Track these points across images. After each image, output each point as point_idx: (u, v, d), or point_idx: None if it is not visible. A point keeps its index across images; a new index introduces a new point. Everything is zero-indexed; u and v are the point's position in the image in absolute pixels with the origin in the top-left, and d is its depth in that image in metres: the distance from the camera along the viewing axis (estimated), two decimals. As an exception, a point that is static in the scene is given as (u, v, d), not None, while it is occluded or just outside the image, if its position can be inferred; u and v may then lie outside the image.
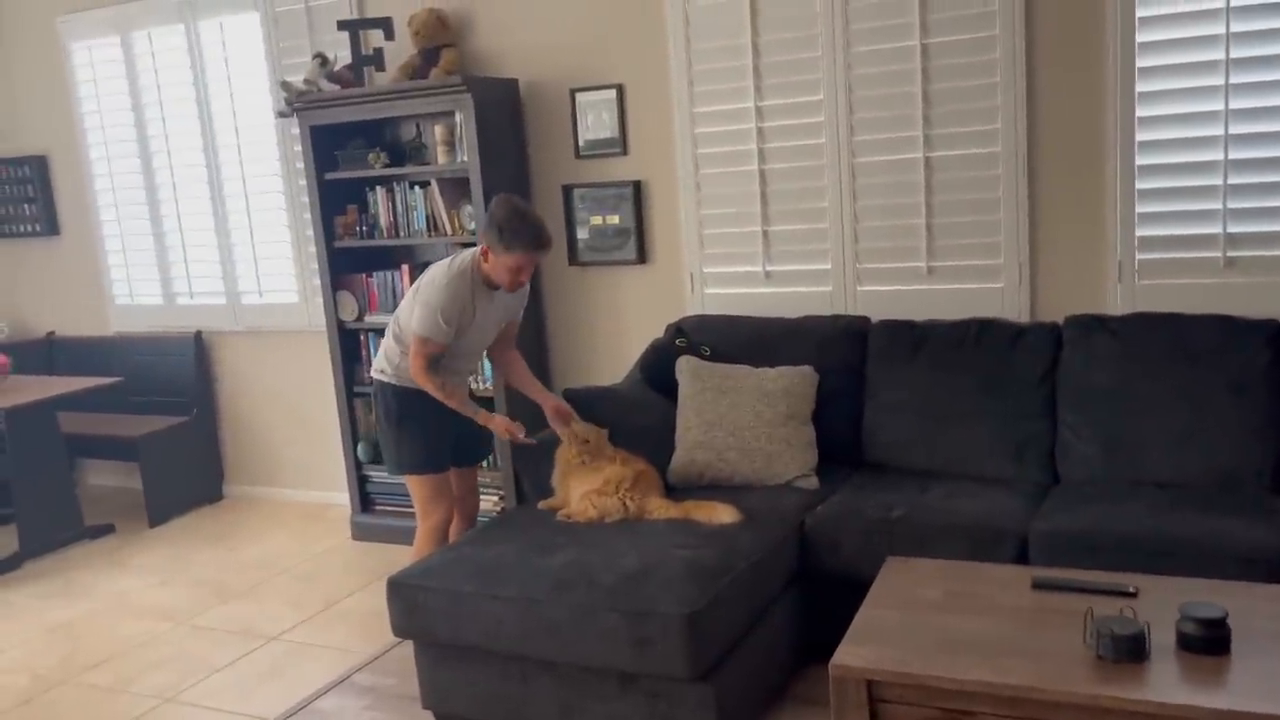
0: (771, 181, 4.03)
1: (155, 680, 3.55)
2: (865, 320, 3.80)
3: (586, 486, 3.31)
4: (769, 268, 4.09)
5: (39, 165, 5.74)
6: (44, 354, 5.84)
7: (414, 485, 3.48)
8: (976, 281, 3.76)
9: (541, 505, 3.45)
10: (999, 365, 3.51)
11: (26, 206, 5.83)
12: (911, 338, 3.66)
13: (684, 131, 4.13)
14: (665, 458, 3.54)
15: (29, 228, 5.86)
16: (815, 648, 3.15)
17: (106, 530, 5.14)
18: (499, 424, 3.40)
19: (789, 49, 3.90)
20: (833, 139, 3.88)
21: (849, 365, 3.70)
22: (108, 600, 4.31)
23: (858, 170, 3.87)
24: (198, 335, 5.44)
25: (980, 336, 3.57)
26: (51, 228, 5.81)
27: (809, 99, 3.89)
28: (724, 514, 3.14)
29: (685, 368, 3.71)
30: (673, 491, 3.41)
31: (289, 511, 5.27)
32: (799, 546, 3.17)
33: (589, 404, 3.61)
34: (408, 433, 3.44)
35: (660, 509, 3.23)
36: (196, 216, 5.35)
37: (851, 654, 2.29)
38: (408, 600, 2.93)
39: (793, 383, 3.59)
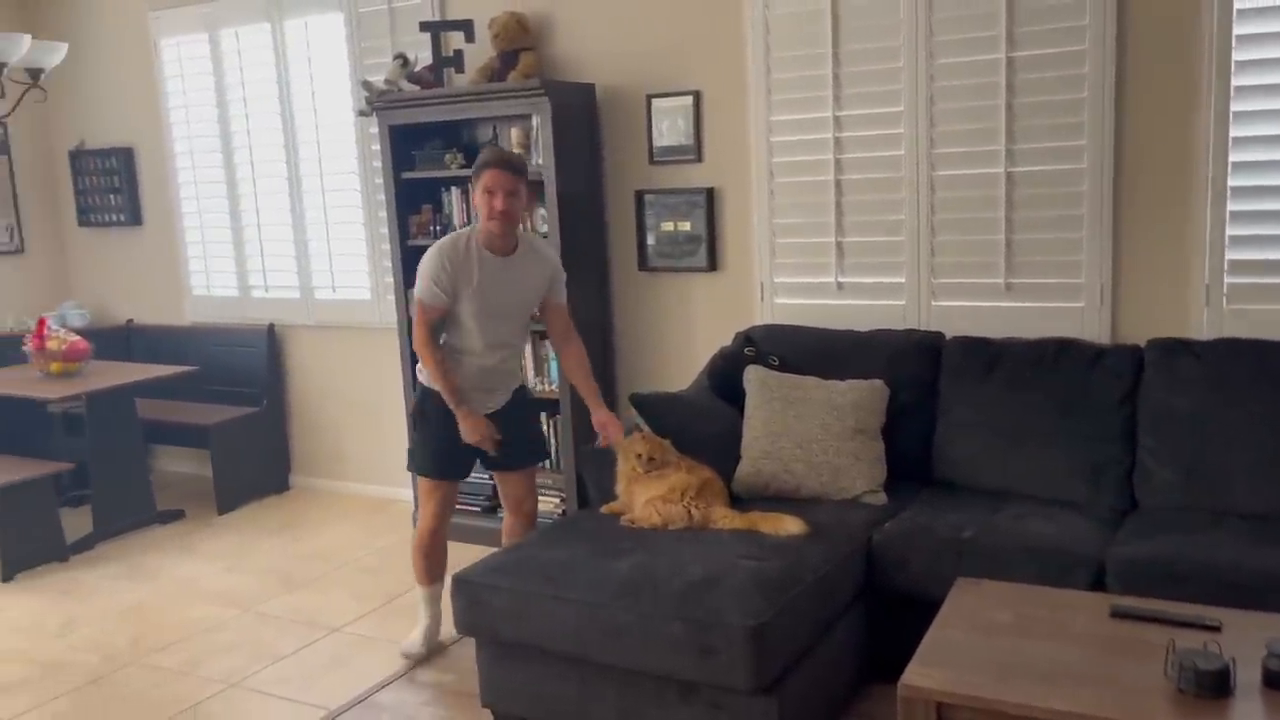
0: (847, 192, 3.99)
1: (221, 665, 3.62)
2: (939, 335, 3.74)
3: (651, 493, 3.30)
4: (841, 279, 4.05)
5: (125, 157, 5.90)
6: (122, 341, 5.99)
7: (418, 482, 3.63)
8: (1056, 300, 3.69)
9: (604, 509, 3.45)
10: (1077, 386, 3.43)
11: (112, 197, 5.99)
12: (987, 355, 3.60)
13: (759, 139, 4.11)
14: (730, 467, 3.51)
15: (114, 218, 6.02)
16: (879, 665, 3.10)
17: (177, 515, 5.25)
18: (466, 427, 3.38)
19: (870, 59, 3.86)
20: (912, 151, 3.83)
21: (921, 381, 3.65)
22: (176, 584, 4.40)
23: (937, 183, 3.82)
24: (270, 328, 5.54)
25: (1059, 356, 3.50)
26: (135, 218, 5.97)
27: (889, 110, 3.85)
28: (791, 526, 3.11)
29: (753, 377, 3.69)
30: (737, 501, 3.39)
31: (353, 504, 5.34)
32: (866, 562, 3.13)
33: (656, 409, 3.61)
34: (421, 433, 3.50)
35: (725, 518, 3.21)
36: (274, 211, 5.45)
37: (921, 675, 2.25)
38: (472, 597, 2.94)
39: (863, 396, 3.55)
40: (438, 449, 3.46)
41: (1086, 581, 2.84)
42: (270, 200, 5.45)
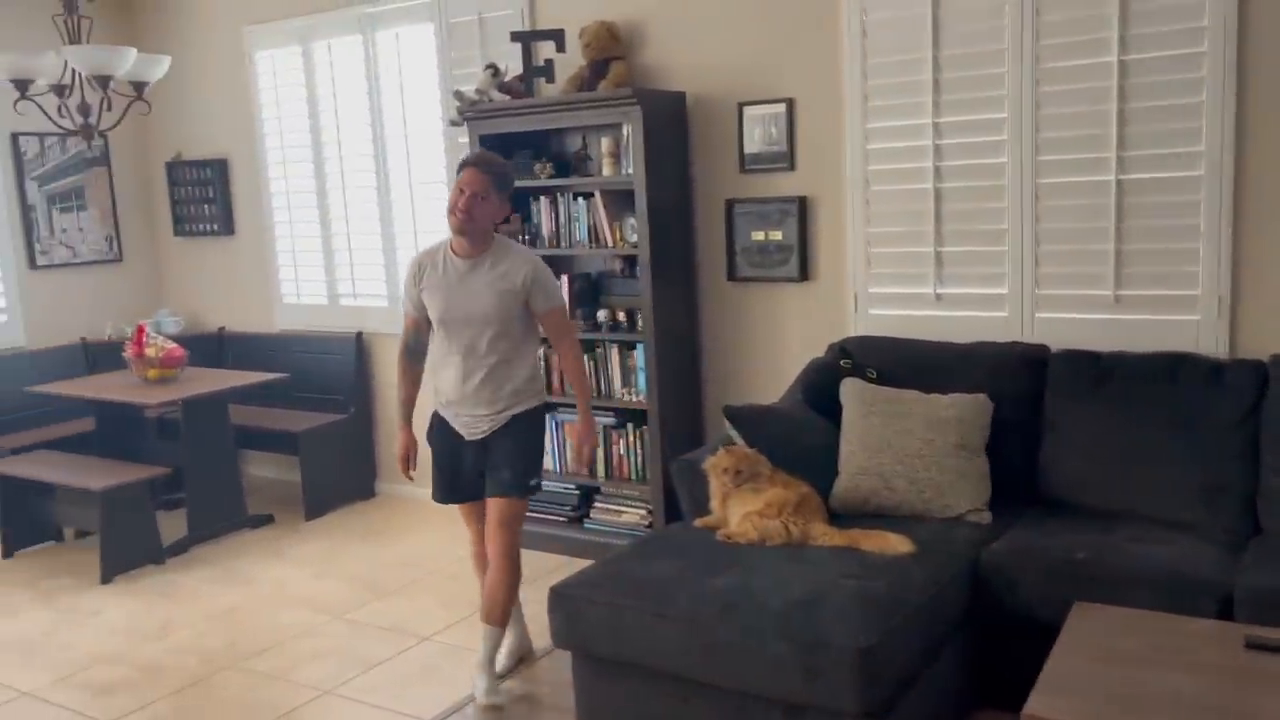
0: (947, 200, 3.89)
1: (314, 671, 3.64)
2: (1044, 349, 3.61)
3: (747, 508, 3.23)
4: (940, 290, 3.95)
5: (220, 168, 6.02)
6: (214, 348, 6.11)
7: None
8: (1169, 313, 3.54)
9: (698, 523, 3.39)
10: (1193, 403, 3.28)
11: (206, 207, 6.12)
12: (1095, 370, 3.47)
13: (855, 147, 4.03)
14: (827, 482, 3.43)
15: (208, 227, 6.15)
16: (988, 691, 3.00)
17: (266, 520, 5.33)
18: (398, 443, 3.44)
19: (972, 64, 3.76)
20: (1016, 158, 3.71)
21: (1025, 395, 3.53)
22: (267, 589, 4.46)
23: (1041, 191, 3.69)
24: (358, 335, 5.60)
25: (1173, 371, 3.35)
26: (228, 228, 6.09)
27: (992, 116, 3.74)
28: (895, 545, 3.02)
29: (850, 390, 3.60)
30: (835, 518, 3.30)
31: (437, 512, 5.33)
32: (972, 584, 3.02)
33: (750, 422, 3.54)
34: (432, 455, 3.45)
35: (825, 535, 3.13)
36: (362, 220, 5.51)
37: (1045, 704, 2.15)
38: (569, 611, 2.91)
39: (966, 411, 3.44)
40: (439, 471, 3.41)
41: (1212, 609, 2.70)
42: (359, 210, 5.52)
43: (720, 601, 2.74)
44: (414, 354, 3.41)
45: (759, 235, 4.31)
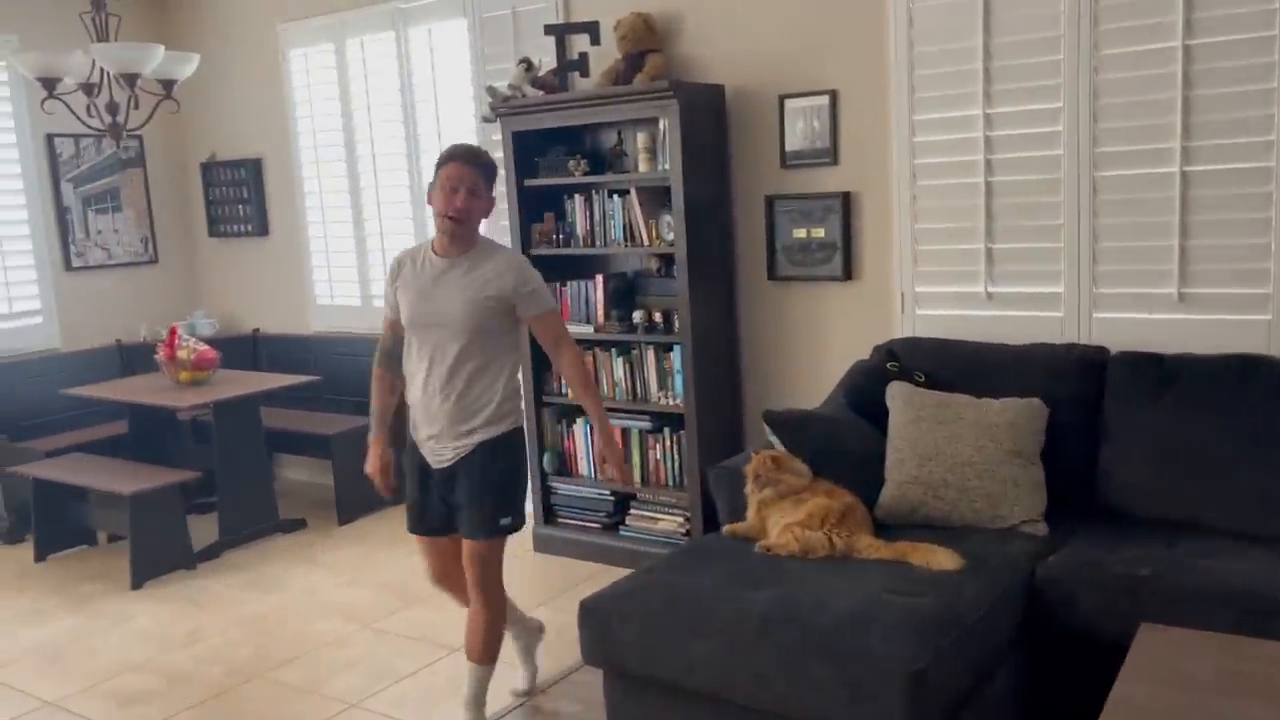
0: (998, 195, 3.71)
1: (342, 683, 3.54)
2: (1103, 350, 3.42)
3: (788, 518, 3.08)
4: (991, 288, 3.77)
5: (254, 168, 5.98)
6: (249, 349, 6.07)
7: None
8: (1238, 312, 3.34)
9: (727, 530, 3.25)
10: (1265, 408, 3.08)
11: (241, 208, 6.08)
12: (1158, 373, 3.27)
13: (901, 140, 3.86)
14: (873, 491, 3.27)
15: (242, 228, 6.11)
16: (1045, 715, 2.83)
17: (299, 525, 5.26)
18: (369, 457, 3.12)
19: (1026, 52, 3.58)
20: (1072, 150, 3.53)
21: (1083, 400, 3.34)
22: (298, 595, 4.37)
23: (1100, 185, 3.50)
24: (392, 337, 5.51)
25: (1243, 374, 3.15)
26: (262, 228, 6.04)
27: (1046, 106, 3.56)
28: (944, 559, 2.86)
29: (897, 394, 3.43)
30: (881, 529, 3.15)
31: (471, 517, 5.25)
32: (1028, 600, 2.84)
33: (791, 427, 3.39)
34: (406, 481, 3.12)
35: (871, 548, 2.97)
36: (396, 220, 5.43)
37: (1113, 737, 1.98)
38: (600, 626, 2.78)
39: (1020, 416, 3.26)
40: (411, 495, 3.06)
41: (1292, 632, 2.50)
42: (392, 209, 5.44)
43: (759, 618, 2.59)
44: (391, 359, 3.09)
45: (801, 233, 4.15)
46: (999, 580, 2.79)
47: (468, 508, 2.92)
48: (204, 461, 5.11)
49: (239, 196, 6.07)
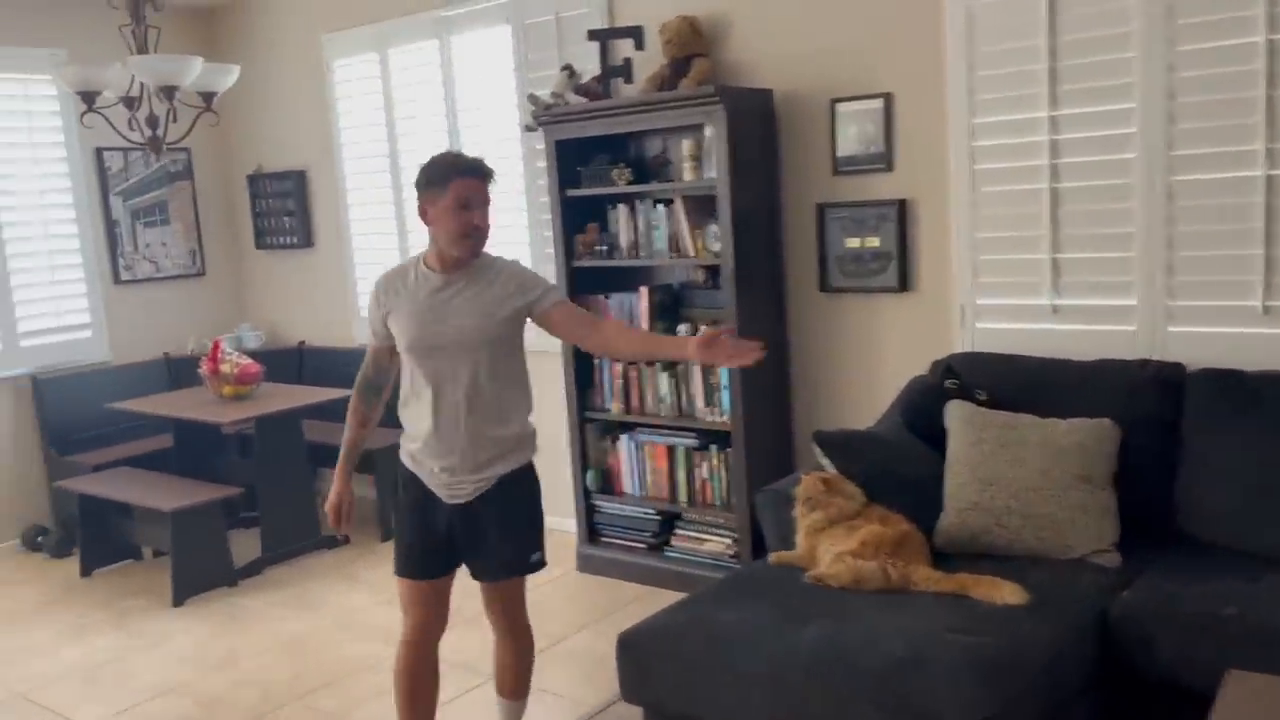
0: (1065, 201, 3.50)
1: (377, 710, 3.44)
2: (1180, 368, 3.20)
3: (840, 546, 2.91)
4: (1057, 301, 3.56)
5: (299, 180, 5.94)
6: (294, 362, 6.03)
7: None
8: (1330, 326, 3.10)
9: (774, 558, 3.09)
10: (1362, 431, 2.84)
11: (286, 220, 6.05)
12: (1242, 391, 3.04)
13: (960, 145, 3.67)
14: (930, 517, 3.08)
15: (288, 240, 6.08)
16: (1119, 766, 2.62)
17: (341, 541, 5.18)
18: (331, 494, 2.84)
19: (1095, 49, 3.37)
20: (1145, 153, 3.31)
21: (1158, 420, 3.12)
22: (337, 615, 4.29)
23: (1176, 190, 3.28)
24: (436, 350, 5.42)
25: (1337, 394, 2.91)
26: (307, 240, 6.00)
27: (1117, 107, 3.34)
28: (1008, 593, 2.66)
29: (957, 413, 3.24)
30: (940, 559, 2.96)
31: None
32: (1100, 640, 2.64)
33: (844, 449, 3.22)
34: (395, 520, 2.87)
35: (928, 580, 2.78)
36: (440, 232, 5.34)
37: (1201, 807, 1.78)
38: (639, 662, 2.64)
39: (1089, 438, 3.05)
40: (403, 537, 2.77)
41: (1400, 682, 2.27)
42: (436, 220, 5.34)
43: (808, 658, 2.43)
44: (372, 389, 2.82)
45: (854, 242, 3.97)
46: (1069, 618, 2.60)
47: (497, 545, 2.70)
48: (248, 476, 5.07)
49: (284, 209, 6.04)
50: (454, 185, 2.55)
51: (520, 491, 2.74)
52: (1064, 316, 3.55)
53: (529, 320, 2.69)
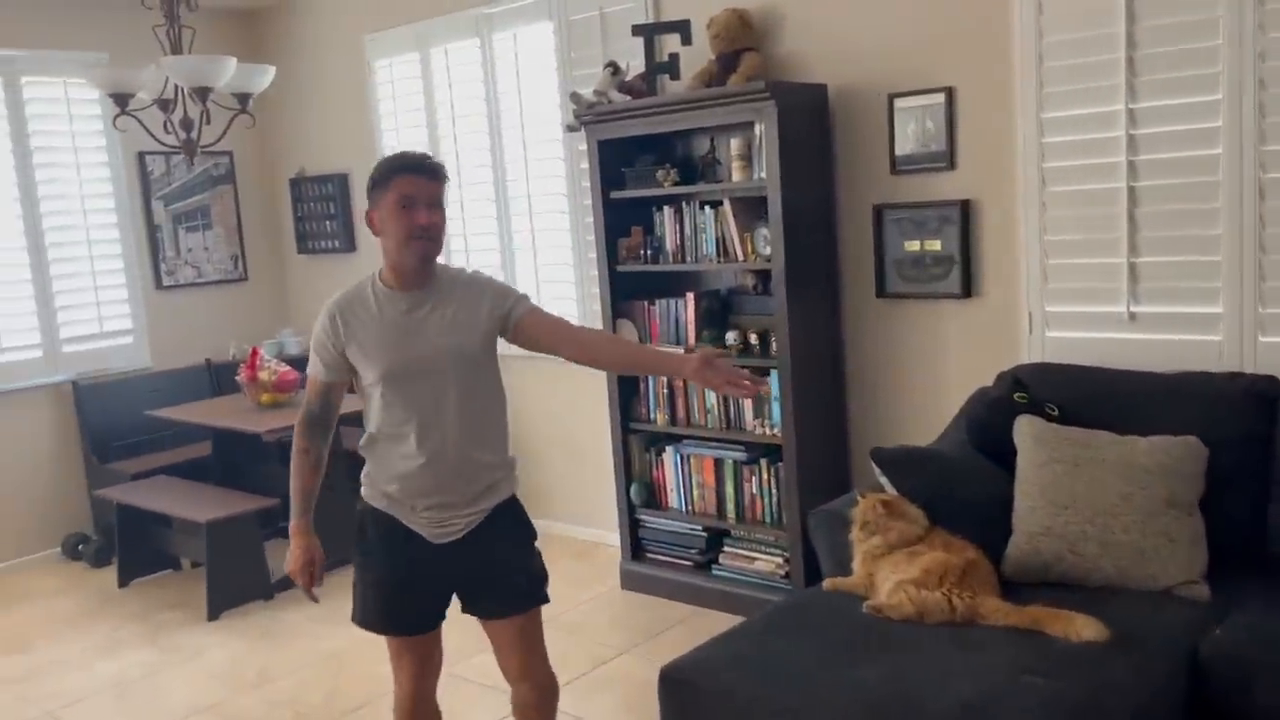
0: (1143, 201, 3.25)
1: (410, 736, 3.29)
2: (1274, 381, 2.94)
3: (901, 574, 2.70)
4: (1134, 308, 3.31)
5: (340, 183, 5.84)
6: (336, 368, 5.92)
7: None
8: None
9: (828, 585, 2.90)
10: None
11: (328, 224, 5.96)
12: (1344, 408, 2.78)
13: (1028, 141, 3.44)
14: (998, 543, 2.86)
15: (329, 244, 5.99)
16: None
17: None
18: (293, 550, 2.53)
19: (1177, 37, 3.12)
20: (1234, 148, 3.06)
21: (1250, 438, 2.87)
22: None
23: (1268, 188, 3.03)
24: (477, 357, 5.29)
25: None
26: (349, 244, 5.90)
27: (1202, 99, 3.09)
28: (1087, 629, 2.44)
29: (1026, 430, 3.01)
30: (1009, 589, 2.73)
31: (557, 548, 4.95)
32: (1191, 683, 2.40)
33: (904, 468, 3.01)
34: (359, 568, 2.53)
35: (998, 612, 2.57)
36: (482, 237, 5.21)
37: None
38: (683, 700, 2.45)
39: (1173, 458, 2.80)
40: (380, 589, 2.48)
41: None
42: (477, 224, 5.22)
43: (866, 701, 2.23)
44: (318, 429, 2.51)
45: (913, 245, 3.75)
46: (1155, 658, 2.37)
47: (508, 577, 2.49)
48: (288, 485, 4.95)
49: (326, 212, 5.95)
50: (395, 183, 2.32)
51: (518, 516, 2.54)
52: (1142, 325, 3.30)
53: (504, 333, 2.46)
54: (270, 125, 6.08)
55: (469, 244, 5.28)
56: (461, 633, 4.12)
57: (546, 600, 2.56)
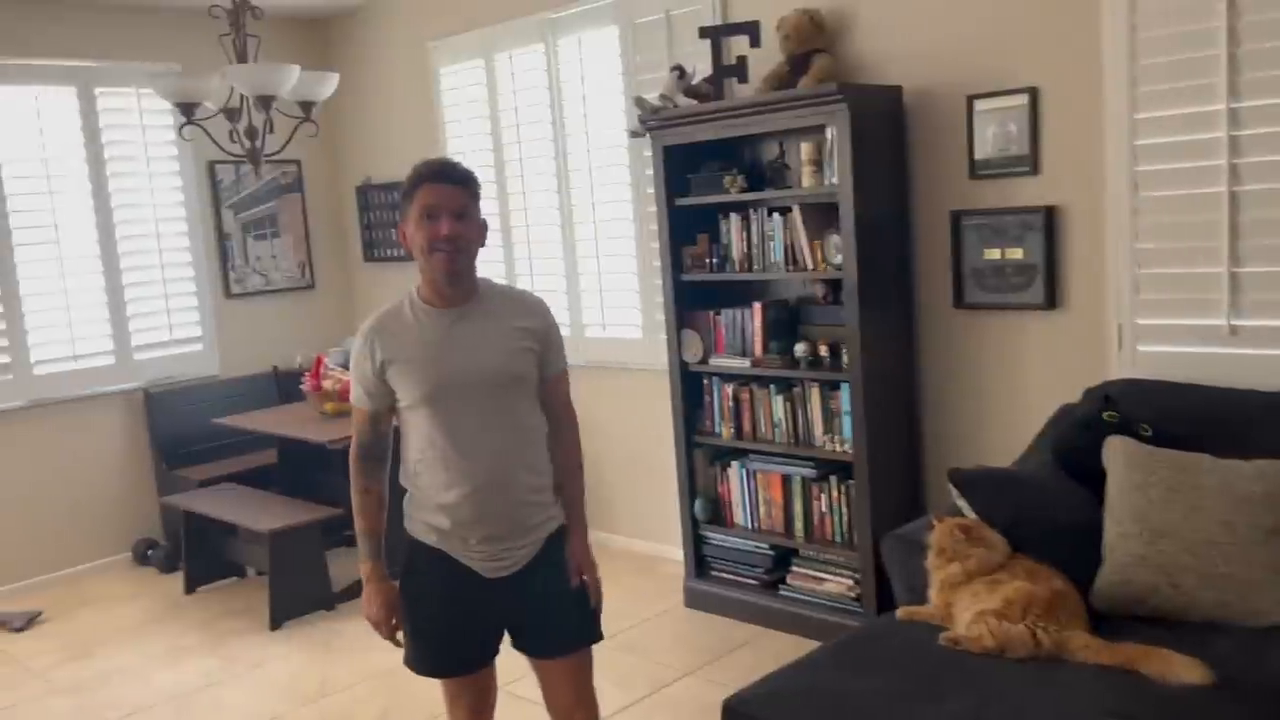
0: (1246, 207, 3.04)
1: (465, 758, 3.20)
2: (1392, 401, 2.71)
3: (980, 604, 2.54)
4: (1235, 321, 3.09)
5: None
6: (399, 377, 5.91)
7: None
8: None
9: (903, 614, 2.74)
10: None
11: (394, 232, 5.93)
12: None
13: (1119, 144, 3.24)
14: (1085, 573, 2.67)
15: (395, 252, 5.98)
16: None
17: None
18: (372, 597, 2.35)
19: (1283, 30, 2.91)
20: (1348, 149, 2.83)
21: (1366, 464, 2.64)
22: (433, 646, 4.10)
23: (1387, 192, 2.80)
24: (540, 367, 5.22)
25: None
26: (409, 253, 5.87)
27: (1312, 96, 2.88)
28: (1186, 669, 2.25)
29: (1118, 451, 2.82)
30: (1099, 622, 2.55)
31: (619, 562, 4.86)
32: (1303, 732, 2.21)
33: (983, 490, 2.85)
34: (408, 607, 2.36)
35: (1087, 649, 2.39)
36: (545, 244, 5.14)
37: None
38: (747, 735, 2.32)
39: (1279, 484, 2.60)
40: (436, 629, 2.35)
41: None
42: (541, 232, 5.15)
43: (945, 745, 2.07)
44: (373, 463, 2.35)
45: (994, 253, 3.58)
46: (1262, 703, 2.18)
47: (564, 612, 2.38)
48: (350, 495, 4.93)
49: (392, 220, 5.94)
50: (419, 194, 2.23)
51: (567, 553, 2.40)
52: (1244, 339, 3.08)
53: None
54: (337, 133, 6.10)
55: (532, 251, 5.21)
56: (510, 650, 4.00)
57: (600, 638, 2.46)
